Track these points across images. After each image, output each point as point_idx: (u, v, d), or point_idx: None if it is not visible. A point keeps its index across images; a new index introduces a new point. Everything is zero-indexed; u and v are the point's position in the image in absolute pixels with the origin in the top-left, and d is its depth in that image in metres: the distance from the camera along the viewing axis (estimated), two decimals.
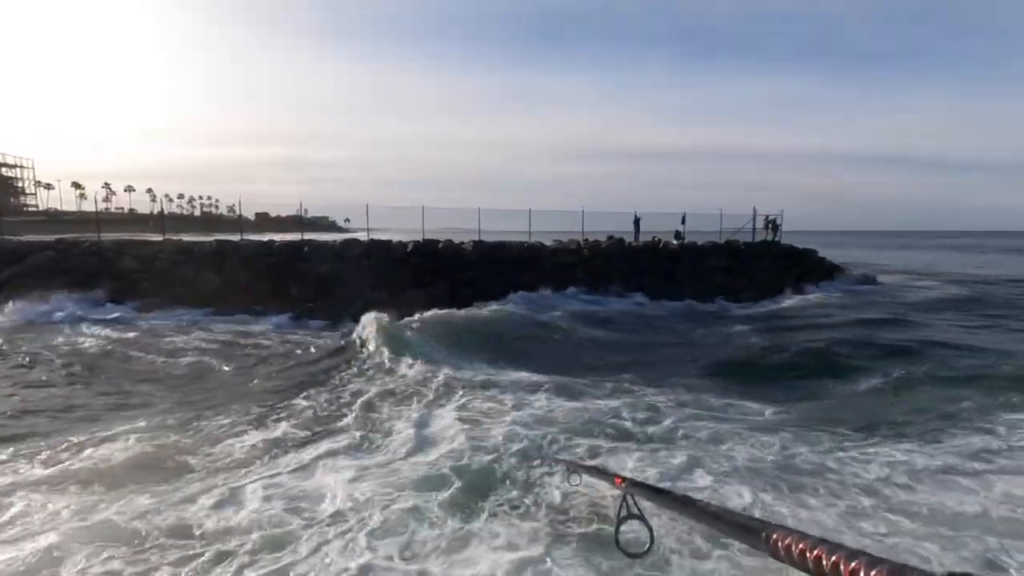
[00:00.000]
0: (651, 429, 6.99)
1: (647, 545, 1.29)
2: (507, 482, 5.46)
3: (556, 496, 5.06)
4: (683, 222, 26.60)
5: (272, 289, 17.11)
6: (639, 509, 1.28)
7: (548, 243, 23.34)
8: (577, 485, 2.07)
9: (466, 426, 6.86)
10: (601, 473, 1.69)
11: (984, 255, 53.71)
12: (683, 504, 1.10)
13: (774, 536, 0.73)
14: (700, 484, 5.45)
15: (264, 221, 43.22)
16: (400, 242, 20.94)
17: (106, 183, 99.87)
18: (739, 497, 5.19)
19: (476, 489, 5.28)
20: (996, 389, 8.37)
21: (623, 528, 1.28)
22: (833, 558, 0.61)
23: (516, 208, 26.70)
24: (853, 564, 0.58)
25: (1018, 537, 4.53)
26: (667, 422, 7.22)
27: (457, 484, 5.33)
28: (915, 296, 22.63)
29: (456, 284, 18.98)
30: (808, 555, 0.65)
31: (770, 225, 27.21)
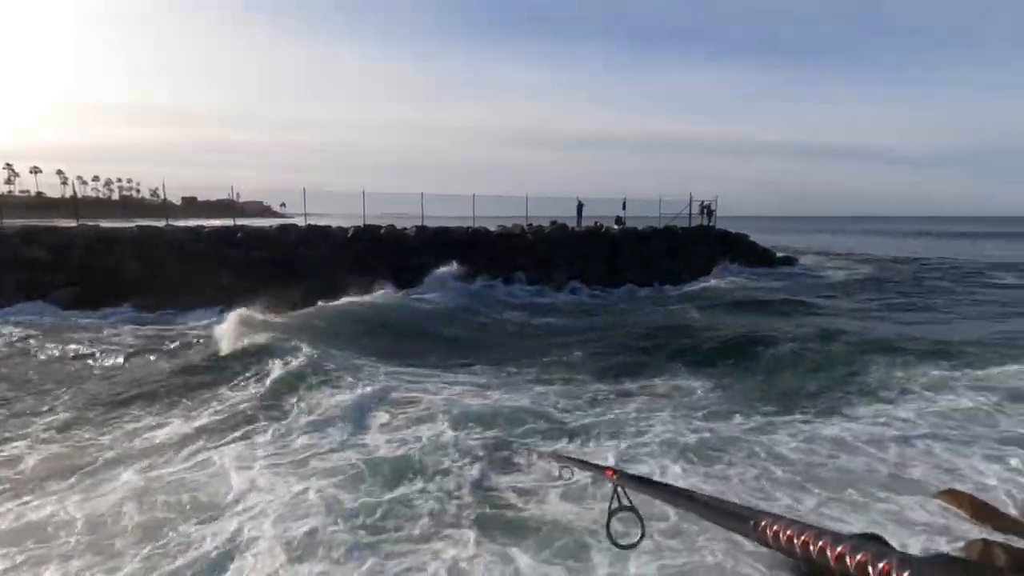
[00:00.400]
0: (577, 414, 7.25)
1: (638, 536, 1.30)
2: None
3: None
4: (624, 208, 27.24)
5: (202, 278, 16.25)
6: (630, 501, 1.28)
7: (492, 228, 23.32)
8: (569, 479, 2.14)
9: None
10: (592, 466, 1.71)
11: (895, 239, 58.12)
12: (674, 494, 1.11)
13: (763, 523, 0.73)
14: (641, 464, 5.73)
15: (191, 206, 40.80)
16: (340, 228, 20.35)
17: (7, 164, 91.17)
18: (661, 471, 5.50)
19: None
20: (898, 361, 9.18)
21: (614, 520, 1.28)
22: (820, 543, 0.62)
23: (460, 193, 26.35)
24: (839, 548, 0.59)
25: (911, 493, 5.04)
26: (595, 407, 7.53)
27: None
28: (833, 276, 24.63)
29: (399, 270, 18.69)
30: (795, 541, 0.66)
31: (705, 211, 28.34)
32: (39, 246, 15.89)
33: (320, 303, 14.24)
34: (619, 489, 1.31)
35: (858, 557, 0.57)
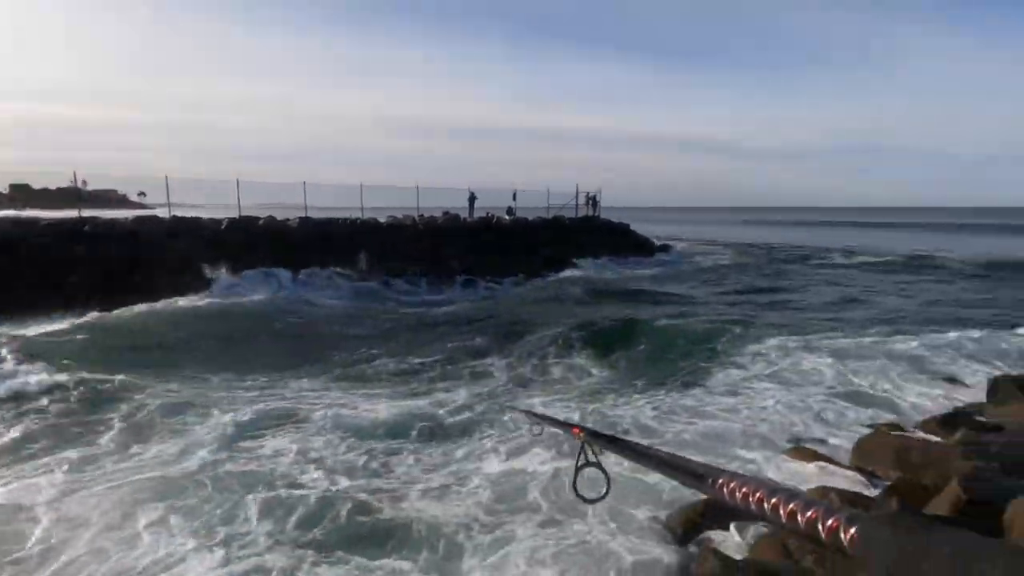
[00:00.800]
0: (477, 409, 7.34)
1: (603, 491, 1.35)
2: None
3: None
4: (514, 199, 27.76)
5: (42, 280, 14.12)
6: (596, 457, 1.32)
7: (382, 220, 22.65)
8: (538, 435, 2.19)
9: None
10: (560, 424, 1.74)
11: (756, 228, 65.08)
12: (637, 452, 1.17)
13: (720, 481, 0.76)
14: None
15: (23, 195, 35.05)
16: (212, 219, 18.63)
17: None
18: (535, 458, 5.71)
19: None
20: (751, 334, 10.35)
21: (580, 475, 1.33)
22: (773, 500, 0.64)
23: (347, 183, 25.25)
24: (791, 505, 0.61)
25: (763, 449, 5.72)
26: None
27: None
28: (703, 262, 27.24)
29: (281, 265, 17.57)
30: (751, 498, 0.68)
31: (590, 201, 29.72)
32: None
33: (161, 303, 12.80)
34: (586, 446, 1.36)
35: (808, 514, 0.59)
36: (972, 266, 23.26)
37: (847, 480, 4.79)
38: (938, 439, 5.02)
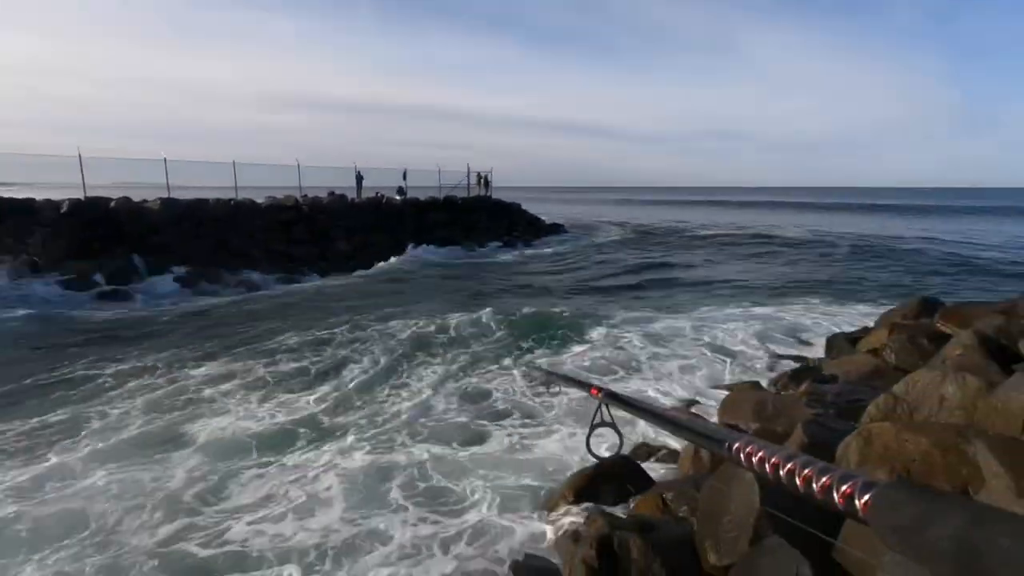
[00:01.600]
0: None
1: (617, 449, 1.48)
2: None
3: None
4: (404, 178, 27.02)
5: None
6: (611, 417, 1.38)
7: (260, 200, 21.02)
8: (556, 393, 2.07)
9: None
10: (578, 383, 1.85)
11: (638, 208, 69.31)
12: (654, 415, 1.20)
13: (736, 445, 0.75)
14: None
15: None
16: (49, 201, 16.16)
17: None
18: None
19: None
20: (623, 301, 11.10)
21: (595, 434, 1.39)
22: (789, 466, 0.63)
23: (216, 160, 23.07)
24: (806, 471, 0.61)
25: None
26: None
27: None
28: (602, 238, 28.68)
29: (143, 251, 15.73)
30: (767, 463, 0.67)
31: (482, 181, 29.78)
32: None
33: None
34: (602, 406, 1.40)
35: (823, 480, 0.59)
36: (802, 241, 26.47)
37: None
38: (789, 392, 5.71)
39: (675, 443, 4.93)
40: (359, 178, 25.50)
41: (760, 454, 0.70)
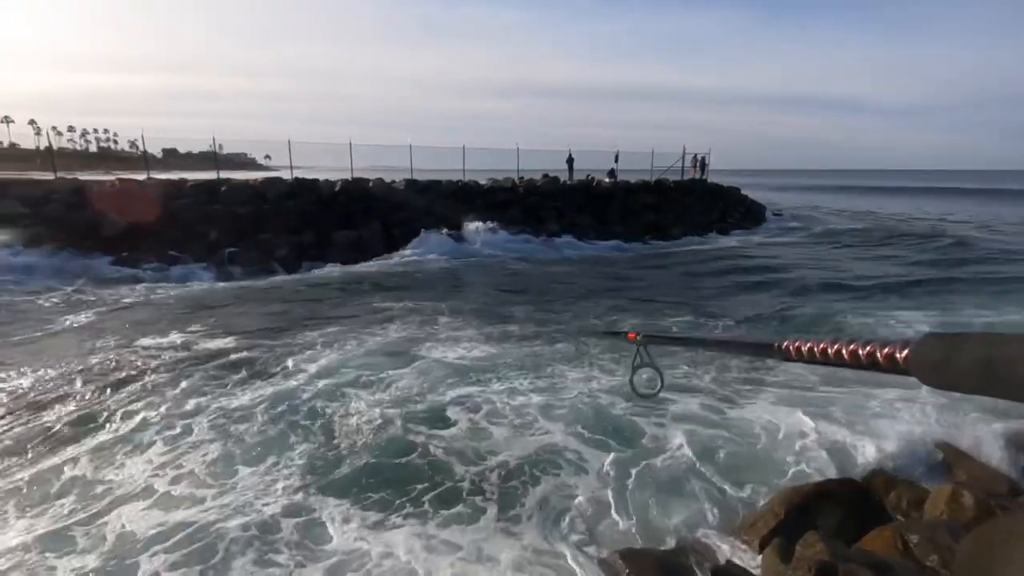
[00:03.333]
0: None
1: (658, 387, 1.53)
2: None
3: None
4: (616, 160, 26.84)
5: (186, 234, 15.96)
6: (651, 357, 1.46)
7: (483, 181, 22.98)
8: (595, 346, 2.33)
9: None
10: (616, 334, 1.85)
11: (874, 197, 57.83)
12: (695, 342, 1.30)
13: (784, 344, 0.83)
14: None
15: (172, 158, 39.68)
16: (328, 181, 19.93)
17: None
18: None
19: None
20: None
21: (637, 374, 1.48)
22: (835, 347, 0.72)
23: (449, 146, 25.77)
24: (852, 347, 0.69)
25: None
26: None
27: None
28: (822, 227, 24.70)
29: (389, 225, 18.48)
30: (815, 350, 0.76)
31: (698, 163, 28.02)
32: (14, 201, 15.43)
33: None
34: (641, 349, 1.47)
35: (867, 349, 0.66)
36: None
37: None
38: None
39: (927, 481, 4.09)
40: (570, 161, 26.09)
41: (809, 344, 0.77)
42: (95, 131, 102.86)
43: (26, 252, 13.98)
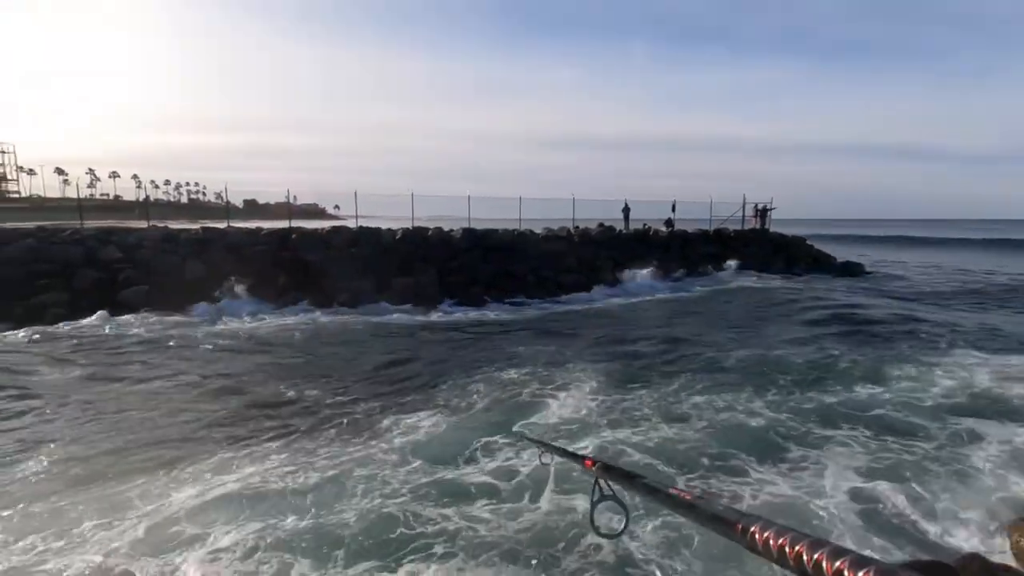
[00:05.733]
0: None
1: (622, 525, 1.28)
2: None
3: None
4: (673, 210, 26.65)
5: (259, 278, 16.98)
6: (612, 490, 1.26)
7: (538, 231, 23.32)
8: (548, 464, 2.16)
9: None
10: (572, 456, 1.69)
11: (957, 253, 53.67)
12: (654, 492, 1.05)
13: (752, 529, 0.70)
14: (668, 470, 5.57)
15: (253, 208, 42.84)
16: (389, 230, 20.84)
17: (90, 169, 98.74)
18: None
19: None
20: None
21: (597, 510, 1.27)
22: (815, 555, 0.58)
23: (505, 196, 26.50)
24: (837, 563, 0.55)
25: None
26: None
27: None
28: (897, 285, 23.00)
29: (445, 272, 18.95)
30: (788, 551, 0.62)
31: (759, 213, 27.35)
32: (114, 247, 17.03)
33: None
34: (600, 480, 1.28)
35: (860, 574, 0.52)
36: None
37: None
38: None
39: None
40: (626, 210, 26.12)
41: (781, 540, 0.64)
42: (187, 184, 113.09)
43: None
